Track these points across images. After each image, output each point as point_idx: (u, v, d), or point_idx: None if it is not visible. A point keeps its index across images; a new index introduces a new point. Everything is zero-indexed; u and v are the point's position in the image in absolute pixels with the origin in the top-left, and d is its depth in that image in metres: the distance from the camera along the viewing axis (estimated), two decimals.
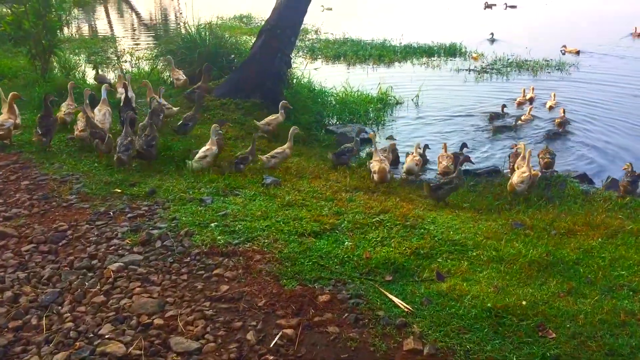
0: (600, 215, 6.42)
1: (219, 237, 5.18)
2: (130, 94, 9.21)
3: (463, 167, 7.53)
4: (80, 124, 8.01)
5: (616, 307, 4.28)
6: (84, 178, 6.70)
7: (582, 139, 10.75)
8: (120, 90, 9.90)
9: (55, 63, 13.74)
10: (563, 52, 18.94)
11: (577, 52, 18.74)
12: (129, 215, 5.69)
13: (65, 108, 8.90)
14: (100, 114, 8.43)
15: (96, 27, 25.83)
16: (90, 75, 12.87)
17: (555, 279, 4.75)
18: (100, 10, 32.86)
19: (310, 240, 5.28)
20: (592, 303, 4.34)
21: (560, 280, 4.74)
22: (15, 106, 8.12)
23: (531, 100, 13.05)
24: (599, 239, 5.63)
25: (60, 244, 5.10)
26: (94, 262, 4.79)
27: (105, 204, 5.97)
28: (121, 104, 8.84)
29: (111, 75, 13.55)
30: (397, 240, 5.37)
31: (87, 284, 4.46)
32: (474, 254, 5.22)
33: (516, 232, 5.83)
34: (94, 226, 5.41)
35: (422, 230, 5.67)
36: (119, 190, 6.38)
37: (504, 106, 12.16)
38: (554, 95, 12.99)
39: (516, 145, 8.59)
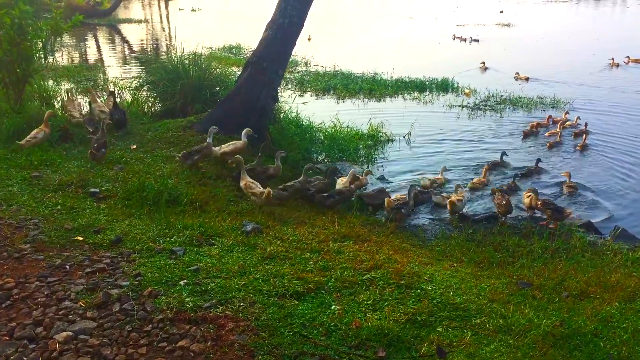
0: (614, 273, 5.83)
1: (187, 299, 4.52)
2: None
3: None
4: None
5: None
6: (43, 223, 6.02)
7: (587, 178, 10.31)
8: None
9: (35, 92, 13.19)
10: (516, 78, 20.06)
11: (527, 79, 19.77)
12: (87, 269, 5.01)
13: None
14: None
15: (86, 56, 25.36)
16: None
17: (574, 356, 4.12)
18: (91, 39, 32.47)
19: (292, 303, 4.63)
20: None
21: (580, 358, 4.11)
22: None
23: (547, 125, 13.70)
24: (617, 304, 5.02)
25: (3, 305, 4.39)
26: (39, 329, 4.09)
27: (63, 255, 5.28)
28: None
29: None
30: (391, 304, 4.74)
31: (25, 359, 3.77)
32: (478, 321, 4.60)
33: (523, 294, 5.22)
34: (45, 283, 4.72)
35: (419, 290, 5.04)
36: (81, 238, 5.71)
37: (538, 124, 13.29)
38: (577, 118, 13.96)
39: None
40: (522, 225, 7.76)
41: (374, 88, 17.66)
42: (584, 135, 12.38)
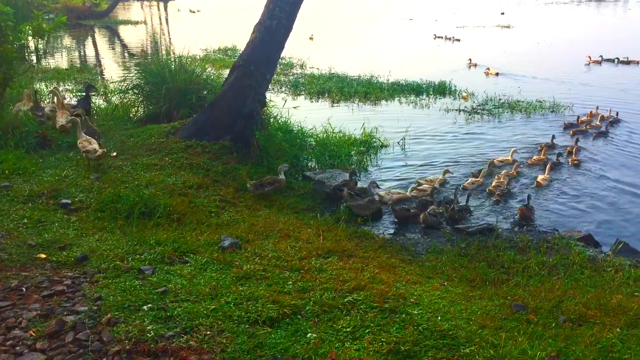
0: (616, 294, 5.44)
1: (149, 327, 4.13)
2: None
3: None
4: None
5: None
6: (6, 239, 5.64)
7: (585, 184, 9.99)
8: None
9: (20, 95, 12.83)
10: (486, 73, 21.26)
11: (497, 74, 20.87)
12: (44, 292, 4.62)
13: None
14: None
15: (81, 58, 25.00)
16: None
17: None
18: (87, 41, 32.13)
19: (264, 331, 4.24)
20: None
21: None
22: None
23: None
24: (618, 330, 4.64)
25: None
26: None
27: (21, 275, 4.90)
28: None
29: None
30: (372, 331, 4.35)
31: None
32: (467, 351, 4.21)
33: (517, 318, 4.82)
34: None
35: (404, 315, 4.65)
36: (44, 256, 5.33)
37: (578, 119, 14.09)
38: (609, 110, 14.66)
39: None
40: (519, 238, 7.36)
41: (370, 91, 17.28)
42: (602, 124, 13.81)
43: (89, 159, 8.09)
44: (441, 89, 17.99)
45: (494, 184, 9.46)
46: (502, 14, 48.55)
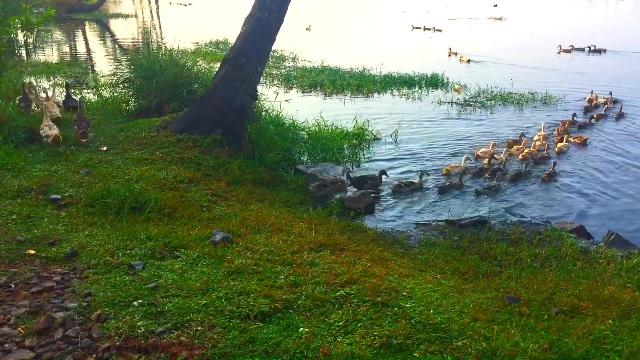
0: (608, 285, 5.44)
1: (139, 323, 4.09)
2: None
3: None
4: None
5: None
6: None
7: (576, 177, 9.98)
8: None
9: (9, 90, 12.71)
10: (460, 60, 22.42)
11: (468, 61, 22.10)
12: (33, 288, 4.57)
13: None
14: None
15: (71, 52, 24.76)
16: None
17: None
18: (77, 35, 31.83)
19: (256, 326, 4.21)
20: None
21: None
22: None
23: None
24: (610, 321, 4.64)
25: None
26: None
27: (10, 271, 4.84)
28: None
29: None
30: (365, 325, 4.33)
31: None
32: (460, 344, 4.19)
33: (509, 310, 4.82)
34: None
35: (396, 309, 4.63)
36: (33, 252, 5.27)
37: (592, 102, 15.27)
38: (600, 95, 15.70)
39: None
40: (511, 230, 7.36)
41: (362, 84, 17.24)
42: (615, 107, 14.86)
43: (48, 144, 8.51)
44: (433, 82, 17.97)
45: (526, 151, 11.03)
46: (495, 6, 48.56)
